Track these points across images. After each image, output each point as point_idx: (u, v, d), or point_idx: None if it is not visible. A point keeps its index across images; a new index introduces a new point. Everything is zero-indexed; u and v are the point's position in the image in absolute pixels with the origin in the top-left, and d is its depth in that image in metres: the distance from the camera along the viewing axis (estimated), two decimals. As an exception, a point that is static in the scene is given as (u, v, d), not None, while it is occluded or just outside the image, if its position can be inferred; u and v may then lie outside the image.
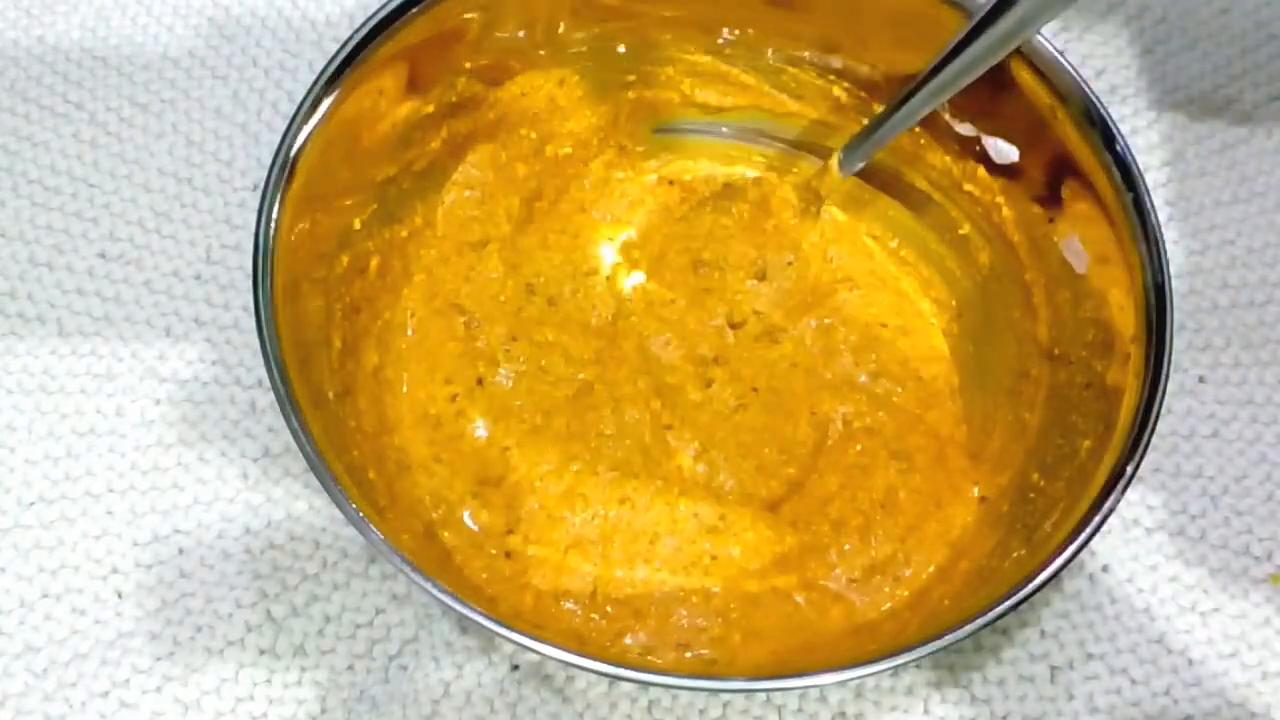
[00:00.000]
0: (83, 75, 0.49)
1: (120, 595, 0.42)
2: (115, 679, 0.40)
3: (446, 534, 0.41)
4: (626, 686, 0.41)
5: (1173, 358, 0.45)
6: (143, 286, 0.46)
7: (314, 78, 0.38)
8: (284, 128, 0.38)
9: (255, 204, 0.46)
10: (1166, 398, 0.45)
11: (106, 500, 0.43)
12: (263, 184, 0.38)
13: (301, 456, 0.43)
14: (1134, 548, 0.43)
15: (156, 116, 0.49)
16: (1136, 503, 0.44)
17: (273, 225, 0.37)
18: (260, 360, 0.45)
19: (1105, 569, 0.43)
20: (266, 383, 0.44)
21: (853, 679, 0.35)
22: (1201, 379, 0.46)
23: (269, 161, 0.37)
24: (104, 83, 0.49)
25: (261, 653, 0.41)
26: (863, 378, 0.45)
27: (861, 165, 0.44)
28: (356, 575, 0.42)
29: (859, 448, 0.44)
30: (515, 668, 0.41)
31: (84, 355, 0.45)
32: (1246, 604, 0.43)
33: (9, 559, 0.42)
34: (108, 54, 0.50)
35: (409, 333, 0.44)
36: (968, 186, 0.45)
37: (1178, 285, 0.46)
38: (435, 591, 0.33)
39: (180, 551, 0.42)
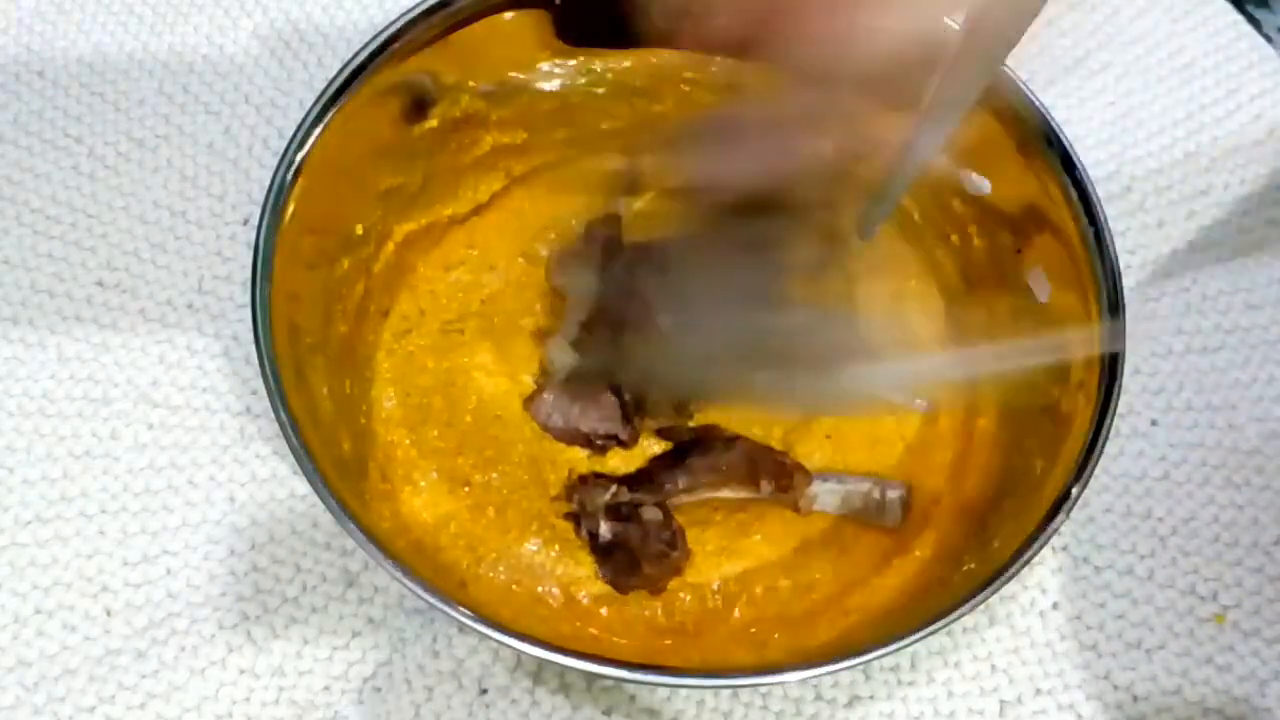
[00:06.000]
0: (82, 111, 0.51)
1: (109, 613, 0.44)
2: (102, 695, 0.42)
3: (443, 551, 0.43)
4: (590, 710, 0.43)
5: (1127, 401, 0.47)
6: (138, 315, 0.48)
7: (304, 113, 0.40)
8: (274, 164, 0.39)
9: (246, 237, 0.49)
10: (1120, 439, 0.47)
11: (99, 521, 0.45)
12: (260, 204, 0.39)
13: (286, 483, 0.45)
14: (1083, 585, 0.45)
15: (152, 151, 0.50)
16: (1086, 541, 0.46)
17: (271, 241, 0.39)
18: (248, 389, 0.47)
19: (1055, 606, 0.45)
20: (255, 409, 0.46)
21: (793, 680, 0.36)
22: (1154, 422, 0.47)
23: (260, 196, 0.39)
24: (102, 118, 0.51)
25: (241, 672, 0.43)
26: None
27: (879, 228, 0.45)
28: (334, 599, 0.44)
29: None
30: (484, 691, 0.43)
31: (81, 380, 0.47)
32: (1191, 642, 0.44)
33: (5, 575, 0.44)
34: (106, 90, 0.51)
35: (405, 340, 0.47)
36: (942, 216, 0.47)
37: (1133, 330, 0.48)
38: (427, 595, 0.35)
39: (168, 572, 0.44)
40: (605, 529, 0.43)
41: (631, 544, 0.43)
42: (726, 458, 0.44)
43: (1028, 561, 0.36)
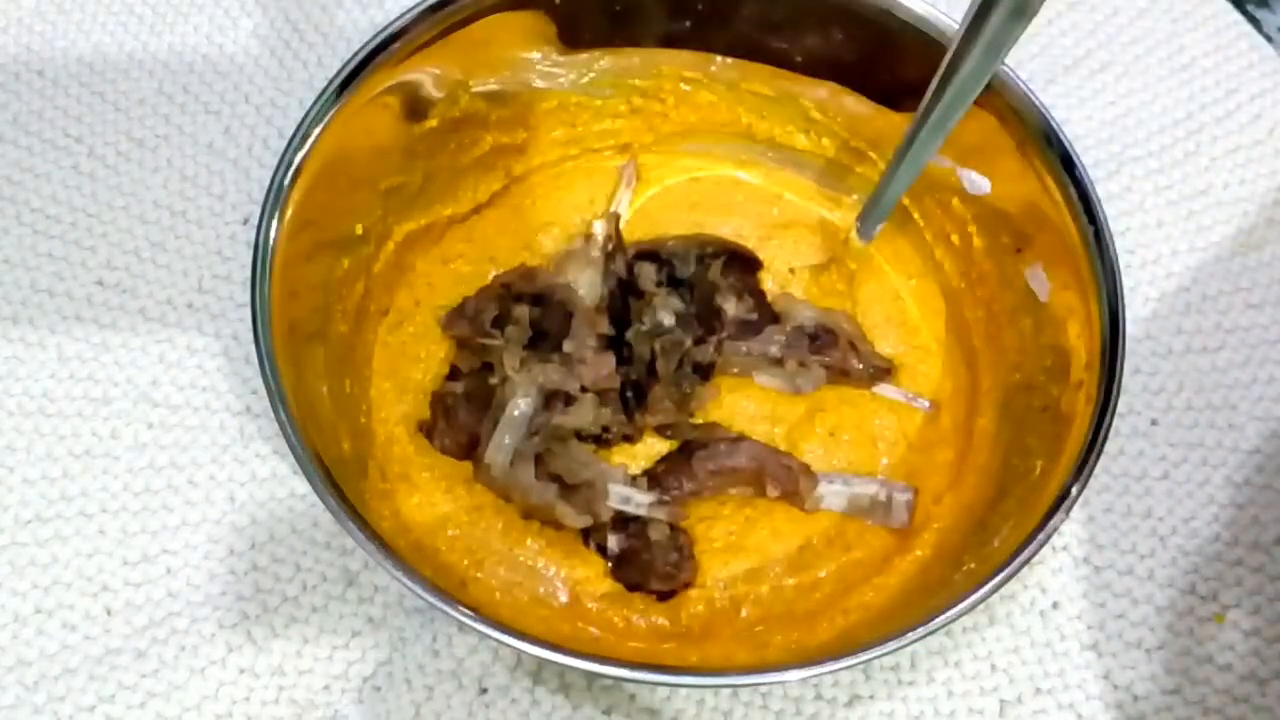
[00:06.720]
0: (82, 110, 0.51)
1: (109, 612, 0.44)
2: (102, 694, 0.42)
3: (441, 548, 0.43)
4: (590, 710, 0.43)
5: (1127, 401, 0.47)
6: (138, 314, 0.48)
7: (304, 113, 0.40)
8: (274, 164, 0.40)
9: (246, 237, 0.49)
10: (1120, 439, 0.47)
11: (99, 520, 0.45)
12: (260, 204, 0.39)
13: (286, 483, 0.45)
14: (1083, 585, 0.45)
15: (152, 151, 0.51)
16: (1087, 541, 0.46)
17: (271, 240, 0.39)
18: (248, 389, 0.47)
19: (1055, 606, 0.45)
20: (255, 409, 0.46)
21: (793, 679, 0.36)
22: (1154, 422, 0.47)
23: (260, 196, 0.39)
24: (102, 118, 0.51)
25: (241, 672, 0.43)
26: None
27: (879, 229, 0.46)
28: (334, 599, 0.44)
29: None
30: (484, 691, 0.43)
31: (81, 380, 0.47)
32: (1191, 641, 0.44)
33: (4, 575, 0.44)
34: (106, 90, 0.52)
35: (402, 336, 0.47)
36: (942, 216, 0.47)
37: (1133, 330, 0.48)
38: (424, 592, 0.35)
39: (168, 571, 0.44)
40: (614, 542, 0.43)
41: (640, 557, 0.43)
42: (732, 462, 0.44)
43: (1027, 561, 0.36)
